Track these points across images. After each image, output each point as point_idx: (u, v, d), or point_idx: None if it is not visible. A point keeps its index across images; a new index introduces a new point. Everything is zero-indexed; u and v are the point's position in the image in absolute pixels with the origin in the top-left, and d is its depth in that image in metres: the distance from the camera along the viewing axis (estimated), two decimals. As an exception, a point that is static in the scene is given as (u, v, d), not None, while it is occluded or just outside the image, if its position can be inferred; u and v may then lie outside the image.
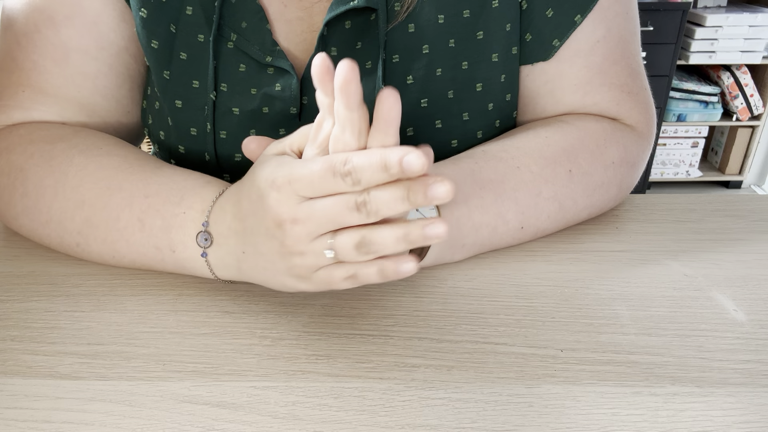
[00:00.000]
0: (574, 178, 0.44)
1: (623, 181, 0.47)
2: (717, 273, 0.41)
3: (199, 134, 0.46)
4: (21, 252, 0.44)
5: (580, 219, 0.46)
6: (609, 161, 0.45)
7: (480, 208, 0.41)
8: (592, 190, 0.45)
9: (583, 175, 0.44)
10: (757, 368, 0.33)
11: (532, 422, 0.30)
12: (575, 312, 0.37)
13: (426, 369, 0.33)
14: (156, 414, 0.30)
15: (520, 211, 0.42)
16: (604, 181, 0.45)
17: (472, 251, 0.42)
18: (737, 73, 2.08)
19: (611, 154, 0.45)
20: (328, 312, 0.37)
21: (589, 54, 0.45)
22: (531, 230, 0.44)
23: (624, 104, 0.47)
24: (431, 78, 0.45)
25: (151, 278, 0.40)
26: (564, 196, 0.43)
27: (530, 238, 0.44)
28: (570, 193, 0.44)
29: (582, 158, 0.44)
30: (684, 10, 1.86)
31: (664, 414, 0.30)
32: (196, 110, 0.45)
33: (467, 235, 0.41)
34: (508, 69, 0.46)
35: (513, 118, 0.49)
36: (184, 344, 0.35)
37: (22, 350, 0.34)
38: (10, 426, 0.29)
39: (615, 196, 0.47)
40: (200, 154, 0.47)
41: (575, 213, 0.45)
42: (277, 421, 0.30)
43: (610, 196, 0.47)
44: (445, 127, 0.46)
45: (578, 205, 0.44)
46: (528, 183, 0.42)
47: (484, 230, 0.41)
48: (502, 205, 0.42)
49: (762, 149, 2.29)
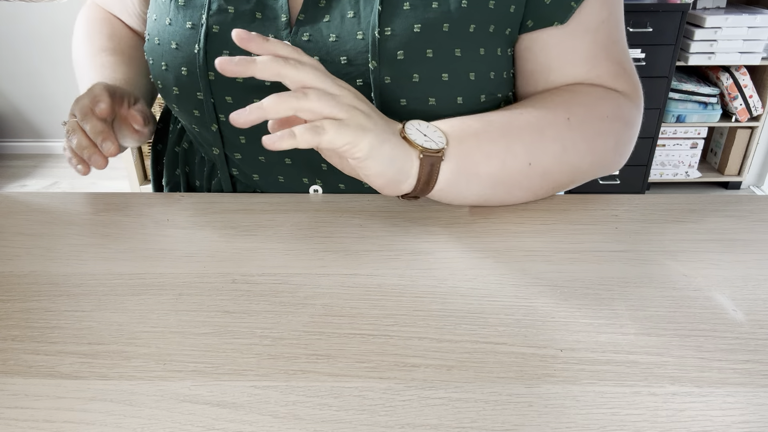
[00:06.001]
0: (572, 124, 0.47)
1: (620, 136, 0.50)
2: (716, 273, 0.41)
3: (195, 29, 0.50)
4: (21, 252, 0.44)
5: (583, 167, 0.49)
6: (603, 114, 0.49)
7: (489, 140, 0.45)
8: (591, 138, 0.48)
9: (580, 123, 0.48)
10: (756, 368, 0.33)
11: (532, 422, 0.30)
12: (575, 312, 0.37)
13: (426, 369, 0.33)
14: (156, 413, 0.30)
15: (527, 146, 0.46)
16: (602, 130, 0.49)
17: (486, 185, 0.45)
18: (736, 74, 2.09)
19: (605, 108, 0.49)
20: (328, 312, 0.37)
21: (596, 32, 0.50)
22: (539, 168, 0.46)
23: (620, 78, 0.51)
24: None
25: (151, 278, 0.40)
26: (565, 138, 0.47)
27: (539, 179, 0.47)
28: (571, 136, 0.47)
29: (578, 109, 0.48)
30: (683, 11, 1.86)
31: (663, 414, 0.30)
32: (195, 9, 0.50)
33: (479, 163, 0.44)
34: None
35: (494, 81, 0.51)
36: (185, 344, 0.35)
37: (22, 350, 0.34)
38: (11, 425, 0.30)
39: (614, 148, 0.50)
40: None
41: (578, 157, 0.48)
42: (278, 420, 0.30)
43: (609, 147, 0.50)
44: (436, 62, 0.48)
45: (580, 149, 0.48)
46: (532, 124, 0.46)
47: (494, 161, 0.45)
48: (509, 138, 0.45)
49: (761, 150, 2.30)
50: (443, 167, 0.43)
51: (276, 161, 0.54)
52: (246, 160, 0.55)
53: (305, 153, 0.52)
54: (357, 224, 0.47)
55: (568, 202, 0.50)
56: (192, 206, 0.50)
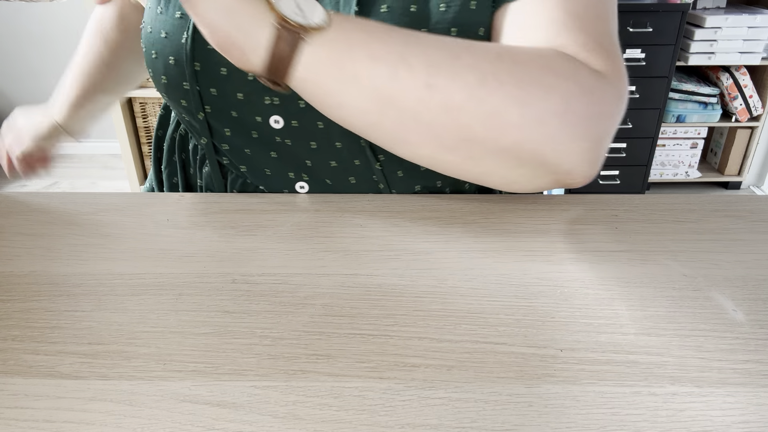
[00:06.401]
0: (503, 60, 0.38)
1: (571, 100, 0.38)
2: (716, 273, 0.41)
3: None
4: (21, 252, 0.44)
5: (510, 117, 0.38)
6: (553, 68, 0.39)
7: (382, 41, 0.36)
8: (524, 84, 0.37)
9: (515, 63, 0.38)
10: (756, 368, 0.33)
11: (532, 422, 0.30)
12: (575, 312, 0.37)
13: (426, 369, 0.33)
14: (156, 413, 0.30)
15: (431, 63, 0.36)
16: (543, 82, 0.38)
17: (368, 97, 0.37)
18: (736, 74, 2.09)
19: (558, 64, 0.39)
20: (328, 312, 0.37)
21: (567, 0, 0.42)
22: (440, 96, 0.37)
23: (593, 53, 0.41)
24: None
25: (151, 278, 0.40)
26: (488, 72, 0.37)
27: (442, 114, 0.37)
28: (496, 72, 0.37)
29: (518, 52, 0.39)
30: (683, 12, 1.87)
31: (663, 414, 0.30)
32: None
33: (360, 61, 0.36)
34: None
35: None
36: (185, 344, 0.35)
37: (22, 350, 0.34)
38: (11, 426, 0.30)
39: (560, 112, 0.38)
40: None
41: (502, 100, 0.37)
42: (278, 420, 0.30)
43: (551, 106, 0.38)
44: None
45: (505, 89, 0.37)
46: (449, 45, 0.37)
47: (381, 66, 0.36)
48: (410, 48, 0.37)
49: (761, 150, 2.30)
50: (308, 51, 0.36)
51: (262, 154, 0.54)
52: (233, 151, 0.55)
53: (290, 148, 0.52)
54: (357, 224, 0.47)
55: (568, 202, 0.50)
56: (192, 206, 0.50)
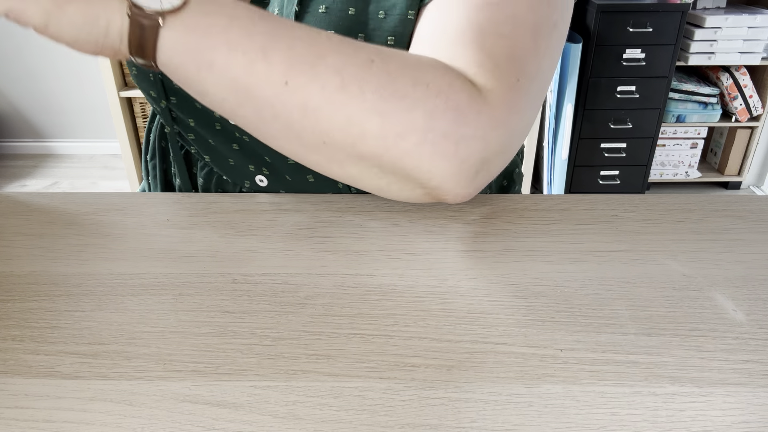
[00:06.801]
0: (373, 67, 0.37)
1: (435, 117, 0.37)
2: (716, 273, 0.41)
3: None
4: (21, 252, 0.44)
5: (369, 127, 0.37)
6: (424, 81, 0.38)
7: (243, 30, 0.36)
8: (388, 94, 0.37)
9: (385, 71, 0.37)
10: (756, 368, 0.33)
11: (532, 422, 0.30)
12: (575, 312, 0.37)
13: (426, 369, 0.33)
14: (156, 413, 0.30)
15: (291, 61, 0.36)
16: (408, 95, 0.37)
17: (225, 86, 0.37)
18: (736, 75, 2.09)
19: (431, 78, 0.38)
20: (328, 312, 0.37)
21: (478, 10, 0.40)
22: (298, 96, 0.36)
23: (488, 72, 0.39)
24: None
25: (151, 278, 0.40)
26: (351, 77, 0.36)
27: (297, 112, 0.37)
28: (361, 78, 0.37)
29: (392, 60, 0.38)
30: (683, 12, 1.87)
31: (663, 414, 0.30)
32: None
33: (216, 49, 0.35)
34: None
35: None
36: (185, 344, 0.35)
37: (22, 350, 0.34)
38: (11, 426, 0.30)
39: (419, 126, 0.37)
40: None
41: (359, 106, 0.37)
42: (278, 420, 0.30)
43: (412, 121, 0.37)
44: None
45: (365, 97, 0.37)
46: (319, 43, 0.37)
47: (238, 56, 0.35)
48: (273, 41, 0.36)
49: (761, 150, 2.30)
50: (166, 36, 0.35)
51: (225, 146, 0.55)
52: (198, 141, 0.56)
53: (251, 142, 0.53)
54: (357, 224, 0.47)
55: (568, 202, 0.50)
56: (192, 206, 0.50)
